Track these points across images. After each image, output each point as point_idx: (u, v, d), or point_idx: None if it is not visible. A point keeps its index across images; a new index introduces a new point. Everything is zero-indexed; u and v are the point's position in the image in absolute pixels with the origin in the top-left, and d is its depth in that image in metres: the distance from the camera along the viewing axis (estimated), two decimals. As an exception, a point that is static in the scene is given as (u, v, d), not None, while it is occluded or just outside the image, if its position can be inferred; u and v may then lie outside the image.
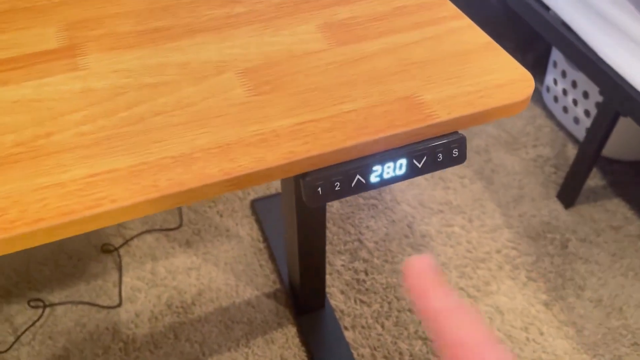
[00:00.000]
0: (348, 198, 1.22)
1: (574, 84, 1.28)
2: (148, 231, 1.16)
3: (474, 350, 0.23)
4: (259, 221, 1.18)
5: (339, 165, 0.39)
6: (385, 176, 0.40)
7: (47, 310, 1.03)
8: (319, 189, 0.38)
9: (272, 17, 0.50)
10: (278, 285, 1.08)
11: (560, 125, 1.39)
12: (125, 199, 0.34)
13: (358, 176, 0.39)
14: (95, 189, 0.35)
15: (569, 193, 1.20)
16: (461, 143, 0.41)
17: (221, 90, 0.42)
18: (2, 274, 1.08)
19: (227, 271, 1.10)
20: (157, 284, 1.08)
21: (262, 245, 1.14)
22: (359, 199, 1.23)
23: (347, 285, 1.08)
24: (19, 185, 0.35)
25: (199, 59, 0.45)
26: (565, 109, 1.35)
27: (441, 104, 0.41)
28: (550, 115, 1.41)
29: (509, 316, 1.03)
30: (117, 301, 1.05)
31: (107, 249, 1.14)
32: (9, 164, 0.36)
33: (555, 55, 1.34)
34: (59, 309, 1.03)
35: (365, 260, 1.12)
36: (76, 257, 1.12)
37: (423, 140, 0.40)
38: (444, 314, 0.25)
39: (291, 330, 1.01)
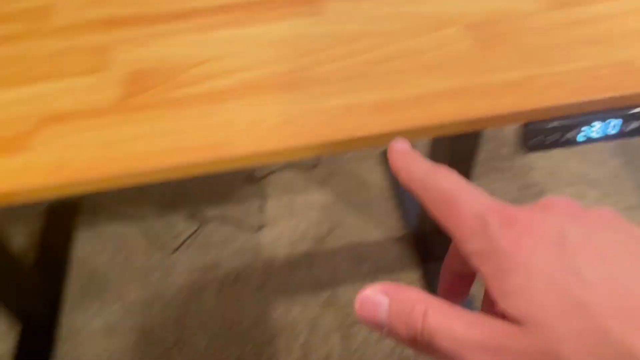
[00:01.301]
0: (481, 160, 1.24)
1: None
2: (288, 167, 1.27)
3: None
4: (389, 171, 1.24)
5: (557, 119, 0.43)
6: (596, 135, 0.44)
7: (202, 223, 1.17)
8: (536, 138, 0.43)
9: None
10: (404, 232, 1.14)
11: None
12: (382, 125, 0.41)
13: (572, 132, 0.43)
14: (353, 117, 0.42)
15: None
16: (675, 110, 0.43)
17: (449, 41, 0.47)
18: (166, 187, 1.24)
19: (357, 212, 1.18)
20: (295, 214, 1.19)
21: (390, 194, 1.21)
22: (490, 161, 1.25)
23: (472, 241, 1.12)
24: (293, 107, 0.42)
25: (427, 10, 0.50)
26: None
27: (661, 72, 0.43)
28: None
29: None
30: (259, 225, 1.17)
31: (251, 180, 1.26)
32: (278, 89, 0.44)
33: None
34: (212, 224, 1.18)
35: (491, 221, 1.15)
36: (226, 183, 1.25)
37: (635, 106, 0.43)
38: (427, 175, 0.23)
39: (416, 274, 1.08)
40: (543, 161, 1.24)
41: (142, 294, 1.07)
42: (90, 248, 1.15)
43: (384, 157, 1.27)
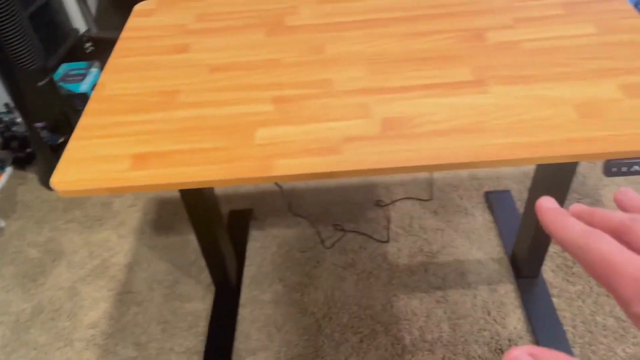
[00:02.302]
0: (568, 200, 1.55)
1: None
2: (408, 198, 1.64)
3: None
4: (489, 207, 1.58)
5: (629, 159, 0.77)
6: (650, 171, 0.77)
7: (343, 233, 1.55)
8: (613, 168, 0.77)
9: (584, 77, 0.89)
10: (502, 255, 1.46)
11: None
12: (524, 154, 0.77)
13: (636, 166, 0.77)
14: (509, 150, 0.78)
15: None
16: (698, 161, 0.76)
17: (563, 113, 0.83)
18: (311, 205, 1.64)
19: (464, 237, 1.51)
20: (413, 234, 1.54)
21: (491, 225, 1.53)
22: (575, 197, 1.55)
23: (558, 267, 1.42)
24: (473, 142, 0.79)
25: (547, 95, 0.86)
26: None
27: (690, 139, 0.76)
28: None
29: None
30: (385, 238, 1.53)
31: (379, 204, 1.63)
32: (465, 132, 0.81)
33: None
34: (349, 235, 1.55)
35: (573, 253, 1.44)
36: (359, 206, 1.63)
37: (675, 156, 0.76)
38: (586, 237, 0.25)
39: (510, 287, 1.39)
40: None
41: (299, 279, 1.45)
42: (260, 244, 1.55)
43: (485, 197, 1.61)
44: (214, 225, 1.24)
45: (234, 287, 1.42)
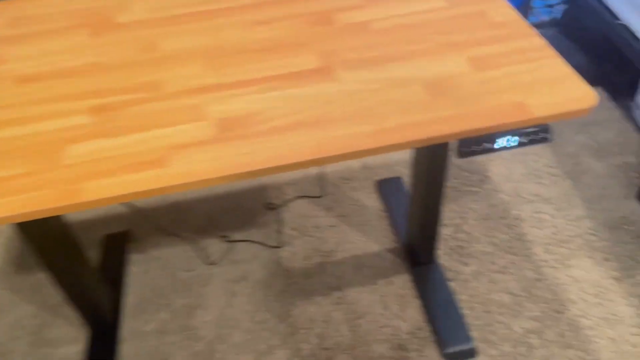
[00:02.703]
0: (456, 185, 1.53)
1: (661, 103, 1.50)
2: (299, 197, 1.55)
3: None
4: (381, 196, 1.53)
5: (477, 137, 0.71)
6: (502, 145, 0.72)
7: (232, 244, 1.44)
8: (464, 148, 0.71)
9: (436, 52, 0.83)
10: (396, 244, 1.41)
11: (647, 138, 1.60)
12: (366, 145, 0.69)
13: (489, 143, 0.71)
14: (359, 139, 0.70)
15: (647, 194, 1.42)
16: (547, 130, 0.71)
17: (411, 94, 0.76)
18: (197, 217, 1.52)
19: (358, 230, 1.45)
20: (307, 234, 1.45)
21: (384, 214, 1.48)
22: (464, 186, 1.53)
23: (452, 249, 1.39)
24: (322, 134, 0.71)
25: (399, 75, 0.79)
26: (652, 125, 1.56)
27: (537, 108, 0.72)
28: (638, 129, 1.63)
29: (584, 284, 1.29)
30: (279, 243, 1.44)
31: (270, 207, 1.53)
32: (310, 127, 0.72)
33: (646, 77, 1.56)
34: (239, 245, 1.44)
35: (467, 233, 1.42)
36: (249, 211, 1.53)
37: (526, 127, 0.72)
38: None
39: (406, 277, 1.34)
40: (507, 185, 1.52)
41: (186, 301, 1.32)
42: (140, 268, 1.40)
43: (377, 186, 1.56)
44: (70, 257, 1.09)
45: (110, 322, 1.27)
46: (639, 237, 1.37)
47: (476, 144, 0.70)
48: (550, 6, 2.06)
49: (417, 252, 1.34)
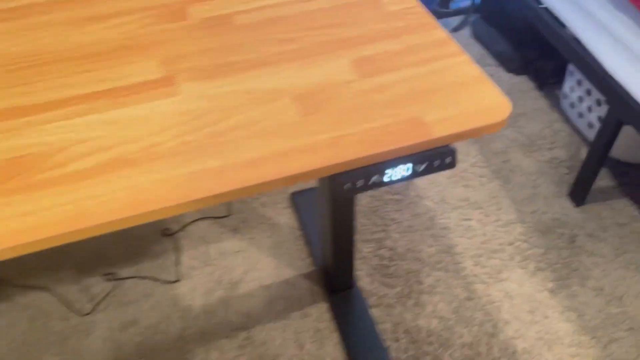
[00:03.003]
0: (376, 193, 1.37)
1: (589, 92, 1.39)
2: (201, 218, 1.34)
3: None
4: (297, 211, 1.34)
5: (361, 168, 0.54)
6: (394, 177, 0.55)
7: (119, 282, 1.22)
8: (346, 185, 0.54)
9: (315, 53, 0.65)
10: (313, 268, 1.23)
11: (576, 129, 1.49)
12: (218, 189, 0.50)
13: (375, 176, 0.54)
14: (196, 183, 0.51)
15: (579, 192, 1.31)
16: (452, 153, 0.55)
17: (279, 112, 0.58)
18: (80, 251, 1.28)
19: (269, 254, 1.26)
20: (210, 263, 1.25)
21: (299, 233, 1.30)
22: (385, 194, 1.37)
23: (374, 269, 1.23)
24: (143, 178, 0.51)
25: (262, 87, 0.61)
26: (580, 115, 1.46)
27: (437, 125, 0.55)
28: (566, 120, 1.52)
29: (517, 300, 1.16)
30: (176, 277, 1.23)
31: (167, 233, 1.32)
32: (136, 164, 0.53)
33: (572, 65, 1.44)
34: (128, 282, 1.22)
35: (390, 249, 1.26)
36: (141, 239, 1.31)
37: (423, 151, 0.55)
38: None
39: (323, 306, 1.17)
40: (432, 190, 1.38)
41: (61, 358, 1.10)
42: (5, 321, 1.16)
43: (292, 200, 1.37)
44: None
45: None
46: (572, 242, 1.26)
47: (359, 178, 0.52)
48: (472, -10, 1.93)
49: (334, 276, 1.17)
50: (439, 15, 1.90)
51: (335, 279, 1.17)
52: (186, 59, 0.65)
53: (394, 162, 0.54)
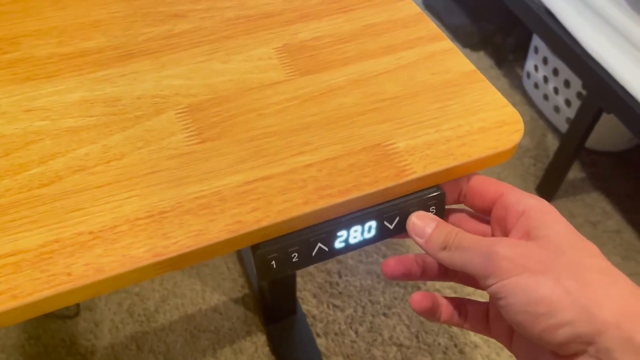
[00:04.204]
0: (321, 194, 1.17)
1: (555, 72, 1.23)
2: (108, 232, 1.09)
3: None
4: (226, 219, 1.12)
5: (297, 233, 0.33)
6: (352, 241, 0.34)
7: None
8: (273, 262, 0.32)
9: (223, 36, 0.42)
10: (247, 290, 1.03)
11: (540, 114, 1.34)
12: (29, 294, 0.28)
13: (319, 244, 0.33)
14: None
15: (549, 187, 1.17)
16: (440, 200, 0.35)
17: (157, 136, 0.35)
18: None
19: (192, 275, 1.04)
20: (118, 290, 1.01)
21: (230, 246, 1.08)
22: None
23: (320, 288, 1.03)
24: None
25: (133, 93, 0.38)
26: (545, 97, 1.30)
27: (416, 155, 0.35)
28: (530, 102, 1.37)
29: (485, 319, 1.00)
30: (74, 310, 0.98)
31: (64, 253, 1.06)
32: None
33: (537, 41, 1.28)
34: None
35: (338, 262, 1.07)
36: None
37: (395, 199, 0.34)
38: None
39: (261, 339, 0.96)
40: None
41: None
42: None
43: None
44: None
45: None
46: (543, 244, 1.11)
47: (296, 245, 0.31)
48: (423, -47, 1.73)
49: (273, 301, 0.97)
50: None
51: (274, 304, 0.96)
52: (9, 45, 0.40)
53: (349, 220, 0.33)
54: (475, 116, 0.37)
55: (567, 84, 1.20)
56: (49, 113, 0.36)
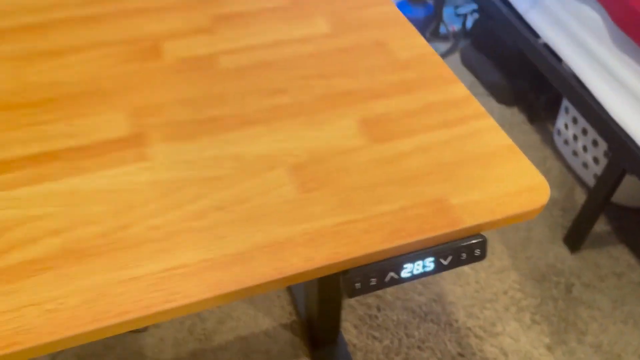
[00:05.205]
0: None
1: (584, 131, 1.33)
2: (172, 258, 1.22)
3: None
4: (277, 252, 1.24)
5: (375, 264, 0.44)
6: (415, 272, 0.46)
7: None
8: (357, 284, 0.44)
9: (316, 109, 0.55)
10: (294, 317, 1.13)
11: (569, 168, 1.44)
12: (195, 295, 0.40)
13: (391, 273, 0.45)
14: (169, 284, 0.40)
15: (576, 238, 1.25)
16: (483, 244, 0.46)
17: (273, 186, 0.48)
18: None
19: (246, 301, 1.15)
20: (180, 310, 1.13)
21: (279, 276, 1.19)
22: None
23: (360, 320, 1.13)
24: (103, 277, 0.40)
25: (252, 152, 0.51)
26: (575, 153, 1.40)
27: (466, 210, 0.46)
28: (560, 157, 1.46)
29: (513, 358, 1.08)
30: (142, 326, 1.10)
31: (133, 274, 1.20)
32: (94, 255, 0.42)
33: (567, 101, 1.39)
34: (87, 332, 1.09)
35: (378, 297, 1.17)
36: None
37: (449, 242, 0.46)
38: None
39: (306, 362, 1.06)
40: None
41: None
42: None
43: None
44: None
45: None
46: (569, 292, 1.19)
47: (373, 276, 0.42)
48: (462, 16, 1.87)
49: (319, 328, 1.07)
50: (428, 40, 1.83)
51: (319, 331, 1.06)
52: (160, 111, 0.54)
53: (413, 256, 0.45)
54: (511, 182, 0.49)
55: (595, 143, 1.30)
56: (191, 165, 0.49)
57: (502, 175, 0.49)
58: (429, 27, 1.82)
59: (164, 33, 0.63)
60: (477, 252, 0.46)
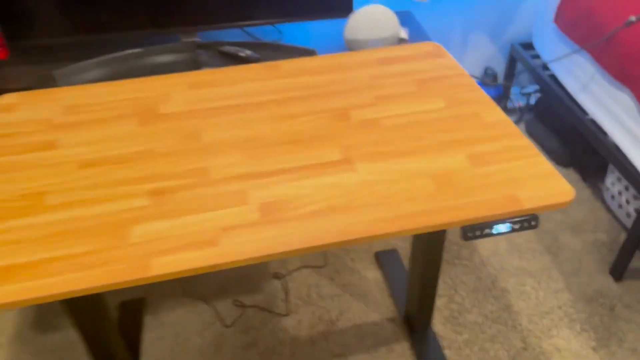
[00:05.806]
0: (448, 258, 1.66)
1: (627, 188, 1.69)
2: (304, 267, 1.66)
3: None
4: (380, 267, 1.65)
5: (480, 224, 0.86)
6: (500, 231, 0.86)
7: (244, 309, 1.53)
8: (469, 232, 0.85)
9: (439, 148, 0.99)
10: (395, 314, 1.52)
11: (616, 217, 1.78)
12: (391, 227, 0.83)
13: (487, 229, 0.86)
14: (378, 224, 0.84)
15: (618, 270, 1.58)
16: (536, 219, 0.86)
17: (421, 185, 0.91)
18: (209, 286, 1.61)
19: (359, 300, 1.56)
20: (311, 303, 1.55)
21: (383, 285, 1.60)
22: (455, 260, 1.67)
23: (446, 319, 1.50)
24: (348, 219, 0.84)
25: (409, 168, 0.95)
26: (619, 205, 1.74)
27: (527, 200, 0.87)
28: (607, 208, 1.81)
29: (566, 354, 1.41)
30: (285, 311, 1.53)
31: (277, 276, 1.64)
32: (339, 211, 0.86)
33: (612, 165, 1.76)
34: (250, 311, 1.53)
35: (458, 303, 1.54)
36: (257, 279, 1.63)
37: (518, 216, 0.86)
38: None
39: (405, 345, 1.44)
40: (493, 259, 1.66)
41: (197, 366, 1.39)
42: (156, 334, 1.47)
43: (376, 258, 1.68)
44: (100, 325, 1.17)
45: (126, 386, 1.32)
46: (612, 310, 1.51)
47: (478, 229, 0.84)
48: (526, 94, 2.31)
49: (415, 321, 1.45)
50: (496, 115, 2.26)
51: (415, 322, 1.44)
52: (356, 147, 1.00)
53: (499, 222, 0.86)
54: (552, 188, 0.90)
55: (635, 197, 1.65)
56: (378, 174, 0.94)
57: (546, 184, 0.90)
58: (500, 103, 2.26)
59: (350, 105, 1.11)
60: (533, 222, 0.87)
